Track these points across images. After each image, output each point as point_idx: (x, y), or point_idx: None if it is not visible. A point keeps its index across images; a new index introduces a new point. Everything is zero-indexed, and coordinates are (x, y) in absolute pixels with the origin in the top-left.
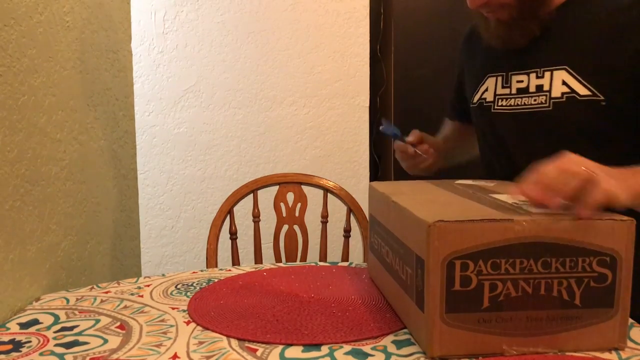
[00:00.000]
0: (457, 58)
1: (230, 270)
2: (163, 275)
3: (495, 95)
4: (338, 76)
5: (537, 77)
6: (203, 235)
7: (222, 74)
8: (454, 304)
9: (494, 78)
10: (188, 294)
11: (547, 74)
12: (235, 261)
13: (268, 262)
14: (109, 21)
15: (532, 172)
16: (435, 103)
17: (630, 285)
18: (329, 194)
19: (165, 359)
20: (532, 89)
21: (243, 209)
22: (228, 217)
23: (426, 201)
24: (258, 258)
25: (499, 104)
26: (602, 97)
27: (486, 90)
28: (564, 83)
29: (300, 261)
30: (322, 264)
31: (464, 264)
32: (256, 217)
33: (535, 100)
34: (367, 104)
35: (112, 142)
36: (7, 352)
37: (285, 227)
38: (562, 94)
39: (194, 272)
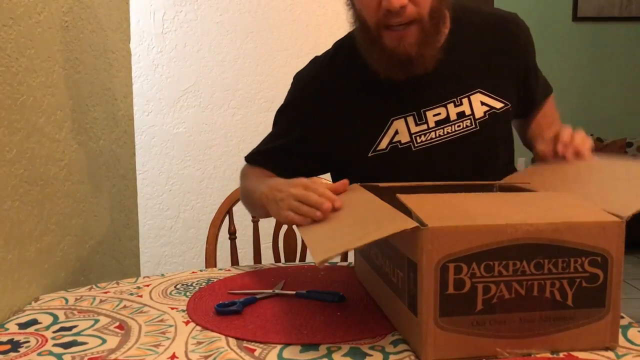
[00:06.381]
0: (294, 114)
1: (229, 270)
2: (162, 275)
3: (410, 134)
4: None
5: (456, 106)
6: (202, 235)
7: (221, 74)
8: (447, 307)
9: (402, 119)
10: (187, 294)
11: (465, 100)
12: (235, 261)
13: (267, 262)
14: (108, 21)
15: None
16: None
17: (621, 284)
18: None
19: (163, 359)
20: (453, 117)
21: (242, 209)
22: (227, 217)
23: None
24: (257, 258)
25: (419, 141)
26: (510, 105)
27: (396, 133)
28: (483, 103)
29: (299, 261)
30: None
31: (457, 267)
32: (255, 217)
33: (459, 126)
34: None
35: (111, 142)
36: (5, 352)
37: (284, 227)
38: (485, 112)
39: (193, 272)
